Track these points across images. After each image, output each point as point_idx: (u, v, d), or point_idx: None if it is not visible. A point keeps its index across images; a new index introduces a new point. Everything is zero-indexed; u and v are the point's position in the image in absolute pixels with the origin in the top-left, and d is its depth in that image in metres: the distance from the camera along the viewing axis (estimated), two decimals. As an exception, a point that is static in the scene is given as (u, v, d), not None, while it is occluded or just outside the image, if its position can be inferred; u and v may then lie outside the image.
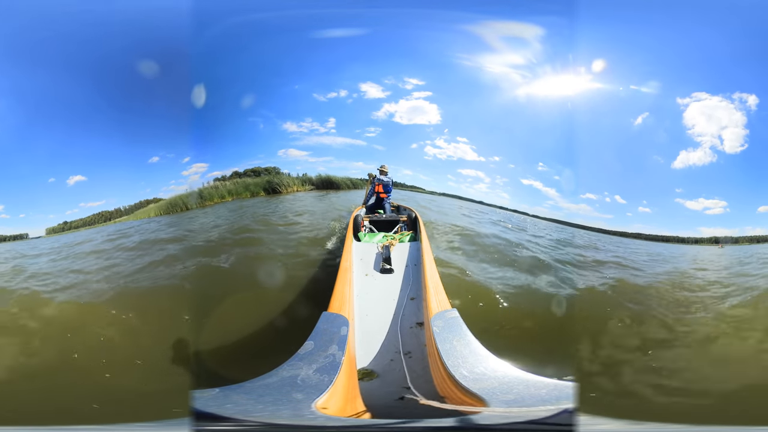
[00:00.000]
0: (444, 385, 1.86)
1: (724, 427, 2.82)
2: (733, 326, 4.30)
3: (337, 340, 1.93)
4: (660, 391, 3.29)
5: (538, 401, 1.45)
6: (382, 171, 6.54)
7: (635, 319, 4.35)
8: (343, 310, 2.34)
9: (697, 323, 4.38)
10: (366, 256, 3.85)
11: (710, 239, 7.07)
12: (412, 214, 5.81)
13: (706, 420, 2.94)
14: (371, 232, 5.26)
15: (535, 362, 3.16)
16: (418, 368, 2.51)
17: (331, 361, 1.75)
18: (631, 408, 3.09)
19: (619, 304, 4.67)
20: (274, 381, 1.62)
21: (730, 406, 3.12)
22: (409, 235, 4.79)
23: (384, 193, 6.50)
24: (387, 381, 2.47)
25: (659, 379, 3.47)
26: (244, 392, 1.54)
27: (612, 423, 2.74)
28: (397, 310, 3.09)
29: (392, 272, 3.58)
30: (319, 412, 1.44)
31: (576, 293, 4.82)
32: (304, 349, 1.86)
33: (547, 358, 3.31)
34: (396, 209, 6.75)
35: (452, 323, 2.14)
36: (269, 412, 1.41)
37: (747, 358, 3.81)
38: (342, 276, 3.00)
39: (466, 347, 1.92)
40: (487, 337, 2.63)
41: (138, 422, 2.78)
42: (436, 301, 2.54)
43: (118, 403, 3.10)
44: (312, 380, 1.62)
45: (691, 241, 7.21)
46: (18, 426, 2.81)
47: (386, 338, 2.83)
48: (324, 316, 2.19)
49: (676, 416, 2.99)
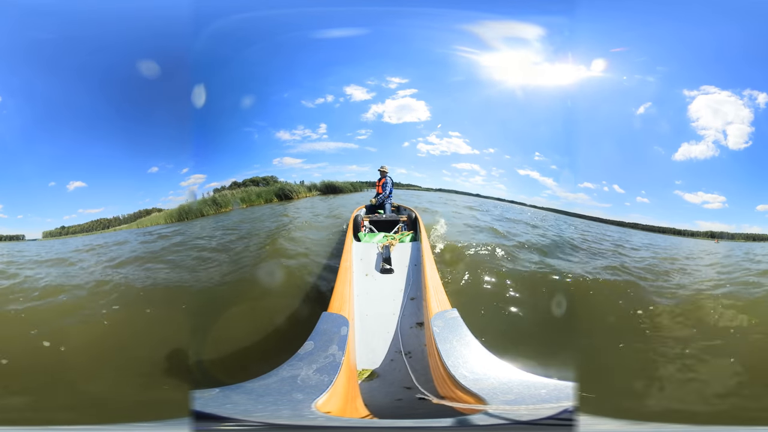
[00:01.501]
0: (444, 385, 1.86)
1: (724, 427, 2.82)
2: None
3: (337, 340, 1.93)
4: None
5: (538, 401, 1.45)
6: (382, 171, 6.58)
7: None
8: (343, 310, 2.33)
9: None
10: (366, 256, 3.85)
11: (706, 233, 7.07)
12: (412, 215, 5.81)
13: (706, 420, 2.95)
14: (371, 232, 5.26)
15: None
16: (418, 368, 2.52)
17: (331, 361, 1.75)
18: (631, 408, 3.09)
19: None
20: (274, 381, 1.62)
21: (730, 406, 3.12)
22: (409, 235, 4.79)
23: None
24: (387, 381, 2.48)
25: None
26: (244, 392, 1.54)
27: (612, 423, 2.74)
28: (397, 310, 3.09)
29: (392, 272, 3.58)
30: (319, 412, 1.44)
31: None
32: (304, 349, 1.85)
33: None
34: (396, 209, 6.77)
35: (452, 323, 2.14)
36: (269, 412, 1.41)
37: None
38: (342, 276, 3.00)
39: (466, 347, 1.93)
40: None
41: (138, 422, 2.78)
42: (436, 301, 2.54)
43: (118, 402, 3.10)
44: (312, 380, 1.62)
45: (688, 233, 7.22)
46: (18, 426, 2.81)
47: (386, 338, 2.83)
48: (324, 316, 2.19)
49: (676, 416, 2.99)
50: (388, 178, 6.56)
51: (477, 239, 6.01)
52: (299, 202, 10.08)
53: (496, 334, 3.84)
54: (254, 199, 9.67)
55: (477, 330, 2.09)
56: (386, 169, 6.62)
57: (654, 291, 4.84)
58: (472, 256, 5.34)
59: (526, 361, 3.14)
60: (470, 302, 4.35)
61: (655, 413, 3.05)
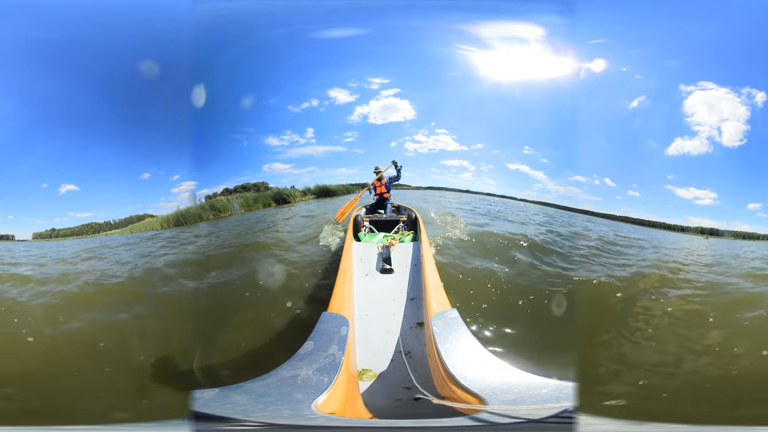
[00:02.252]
0: (444, 385, 1.86)
1: (724, 427, 2.82)
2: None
3: (337, 340, 1.93)
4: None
5: (538, 401, 1.45)
6: (377, 171, 6.60)
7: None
8: (343, 310, 2.34)
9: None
10: (366, 256, 3.85)
11: (696, 229, 7.08)
12: (412, 215, 5.82)
13: (706, 420, 2.95)
14: (371, 232, 5.26)
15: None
16: (418, 368, 2.52)
17: (331, 361, 1.76)
18: (631, 408, 3.09)
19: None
20: (274, 381, 1.62)
21: (730, 406, 3.13)
22: (410, 235, 4.79)
23: (387, 192, 6.56)
24: (387, 381, 2.48)
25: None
26: (244, 392, 1.54)
27: (612, 423, 2.74)
28: (397, 310, 3.10)
29: (392, 272, 3.58)
30: (319, 412, 1.44)
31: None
32: (304, 349, 1.86)
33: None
34: (396, 209, 6.78)
35: (452, 323, 2.14)
36: (269, 412, 1.41)
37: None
38: (342, 276, 3.00)
39: (466, 347, 1.93)
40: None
41: (138, 422, 2.78)
42: (436, 301, 2.54)
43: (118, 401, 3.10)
44: (312, 380, 1.63)
45: (677, 228, 7.24)
46: (18, 426, 2.81)
47: (386, 338, 2.83)
48: (324, 316, 2.19)
49: (676, 416, 2.99)
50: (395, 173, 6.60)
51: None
52: (298, 205, 10.28)
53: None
54: (252, 203, 9.83)
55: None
56: (381, 169, 6.65)
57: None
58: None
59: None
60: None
61: (655, 413, 3.05)
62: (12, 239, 6.68)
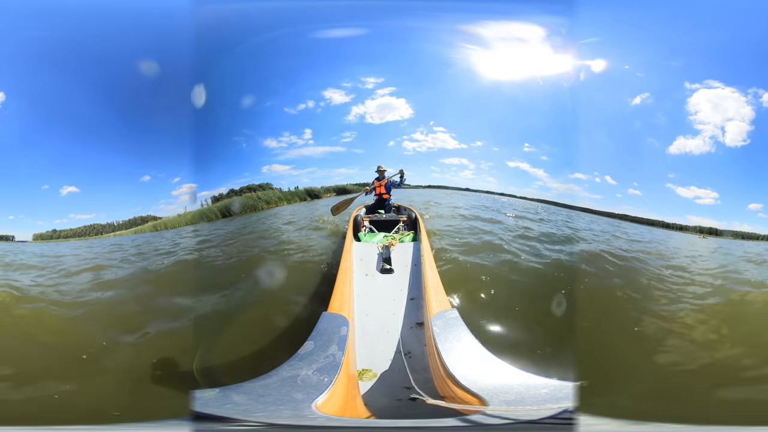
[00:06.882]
0: (444, 385, 1.86)
1: (724, 427, 2.82)
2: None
3: (337, 340, 1.93)
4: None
5: (538, 401, 1.45)
6: (380, 171, 6.59)
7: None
8: (343, 310, 2.34)
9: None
10: (366, 256, 3.85)
11: (695, 228, 7.04)
12: (412, 215, 5.82)
13: (706, 420, 2.94)
14: (371, 232, 5.26)
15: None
16: (418, 368, 2.52)
17: (331, 361, 1.76)
18: (631, 408, 3.09)
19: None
20: (274, 381, 1.62)
21: (730, 407, 3.13)
22: (410, 235, 4.79)
23: (386, 193, 6.55)
24: (387, 381, 2.48)
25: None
26: (244, 392, 1.54)
27: (612, 423, 2.74)
28: (397, 310, 3.09)
29: (392, 272, 3.58)
30: (319, 412, 1.44)
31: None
32: (304, 349, 1.86)
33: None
34: (396, 209, 6.77)
35: (452, 323, 2.14)
36: (269, 412, 1.42)
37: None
38: (342, 276, 3.00)
39: (466, 347, 1.93)
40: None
41: (138, 422, 2.78)
42: (436, 301, 2.54)
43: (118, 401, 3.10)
44: (312, 380, 1.63)
45: (676, 227, 7.20)
46: (18, 426, 2.81)
47: (386, 338, 2.83)
48: (324, 316, 2.19)
49: (676, 416, 2.99)
50: (389, 176, 6.58)
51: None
52: (329, 198, 10.42)
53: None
54: (290, 198, 9.97)
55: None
56: (383, 168, 6.63)
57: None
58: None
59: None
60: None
61: (655, 413, 3.05)
62: (12, 240, 6.68)
